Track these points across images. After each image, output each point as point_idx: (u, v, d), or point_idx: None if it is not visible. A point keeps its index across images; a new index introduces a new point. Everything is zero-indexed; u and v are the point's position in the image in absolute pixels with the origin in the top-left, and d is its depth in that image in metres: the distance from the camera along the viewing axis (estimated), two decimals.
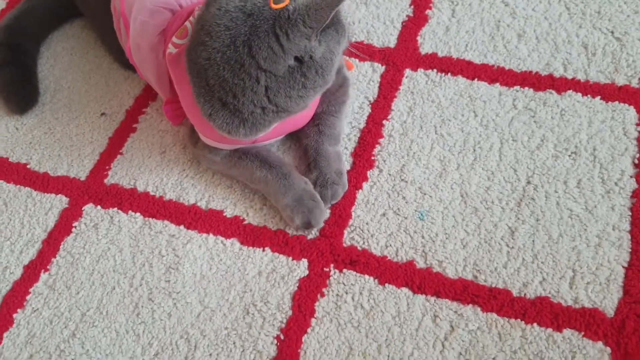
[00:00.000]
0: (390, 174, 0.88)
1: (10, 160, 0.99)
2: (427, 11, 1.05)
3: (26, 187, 0.95)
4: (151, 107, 1.02)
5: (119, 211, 0.90)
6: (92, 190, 0.93)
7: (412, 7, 1.06)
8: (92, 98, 1.04)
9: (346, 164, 0.90)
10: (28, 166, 0.98)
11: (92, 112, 1.02)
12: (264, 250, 0.84)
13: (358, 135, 0.93)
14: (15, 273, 0.87)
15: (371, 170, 0.89)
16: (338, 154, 0.88)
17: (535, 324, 0.74)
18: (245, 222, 0.87)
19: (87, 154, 0.97)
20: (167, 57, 0.81)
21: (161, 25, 0.84)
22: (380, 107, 0.95)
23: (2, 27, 1.10)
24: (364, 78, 0.99)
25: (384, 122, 0.93)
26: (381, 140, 0.92)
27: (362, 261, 0.81)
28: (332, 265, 0.81)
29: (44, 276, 0.86)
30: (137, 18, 0.84)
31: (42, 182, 0.95)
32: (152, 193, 0.91)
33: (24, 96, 1.05)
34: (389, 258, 0.81)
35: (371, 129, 0.93)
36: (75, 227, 0.89)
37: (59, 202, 0.92)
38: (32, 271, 0.87)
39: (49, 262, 0.87)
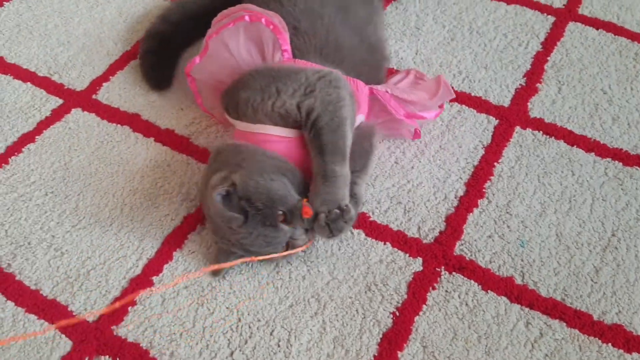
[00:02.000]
0: (497, 206, 1.05)
1: (175, 132, 1.18)
2: (538, 84, 1.25)
3: (188, 156, 1.13)
4: None
5: None
6: None
7: (524, 78, 1.26)
8: None
9: (460, 190, 1.07)
10: (190, 140, 1.17)
11: None
12: (385, 244, 1.01)
13: (472, 170, 1.10)
14: (177, 219, 1.04)
15: (481, 200, 1.06)
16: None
17: (609, 344, 0.89)
18: (371, 219, 1.04)
19: None
20: None
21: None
22: (493, 152, 1.13)
23: (162, 18, 1.30)
24: (480, 126, 1.17)
25: (495, 164, 1.11)
26: (492, 177, 1.09)
27: (469, 268, 0.97)
28: (443, 267, 0.98)
29: (200, 227, 1.03)
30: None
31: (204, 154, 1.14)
32: None
33: (158, 81, 1.25)
34: (492, 271, 0.97)
35: (484, 167, 1.11)
36: None
37: None
38: (190, 221, 1.04)
39: (205, 218, 1.04)
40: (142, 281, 0.96)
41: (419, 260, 0.98)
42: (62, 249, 1.00)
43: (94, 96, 1.25)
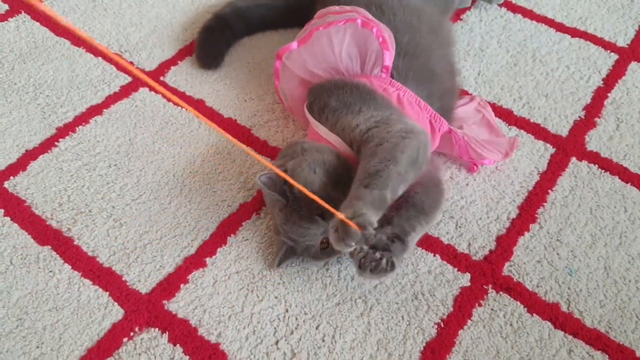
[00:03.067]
0: (548, 232, 1.06)
1: (238, 122, 1.21)
2: (596, 119, 1.26)
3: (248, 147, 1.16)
4: None
5: None
6: None
7: (584, 111, 1.27)
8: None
9: (513, 213, 1.08)
10: (251, 132, 1.19)
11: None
12: (434, 256, 1.02)
13: (526, 194, 1.11)
14: (233, 206, 1.06)
15: (533, 225, 1.07)
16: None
17: None
18: None
19: None
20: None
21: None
22: (548, 179, 1.14)
23: (232, 4, 1.35)
24: (537, 152, 1.18)
25: (549, 191, 1.12)
26: (545, 204, 1.10)
27: (516, 290, 0.98)
28: (491, 285, 0.99)
29: (255, 217, 1.05)
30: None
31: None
32: None
33: (210, 59, 1.29)
34: (538, 295, 0.98)
35: (538, 192, 1.12)
36: None
37: None
38: (246, 209, 1.06)
39: (260, 208, 1.07)
40: (195, 261, 0.98)
41: (467, 275, 0.99)
42: (121, 220, 1.03)
43: (161, 78, 1.29)
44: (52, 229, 1.02)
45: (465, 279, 0.99)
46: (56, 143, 1.14)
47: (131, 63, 1.30)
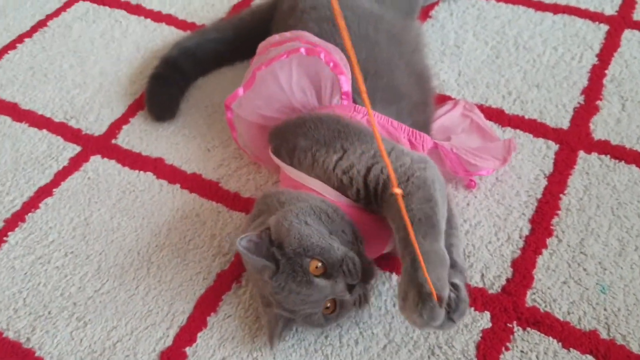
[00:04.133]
0: (569, 245, 0.92)
1: (203, 176, 1.08)
2: (598, 102, 1.12)
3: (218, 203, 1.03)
4: None
5: None
6: None
7: (582, 95, 1.13)
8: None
9: (525, 229, 0.95)
10: (220, 185, 1.06)
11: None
12: None
13: (535, 204, 0.98)
14: (209, 278, 0.93)
15: (550, 239, 0.94)
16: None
17: None
18: None
19: None
20: None
21: None
22: (557, 182, 1.01)
23: (178, 45, 1.23)
24: (539, 153, 1.05)
25: (561, 196, 0.99)
26: (559, 212, 0.97)
27: (545, 322, 0.85)
28: (515, 322, 0.85)
29: (235, 286, 0.92)
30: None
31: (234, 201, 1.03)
32: None
33: (163, 110, 1.17)
34: (571, 324, 0.84)
35: (549, 200, 0.98)
36: None
37: None
38: (224, 279, 0.93)
39: (239, 274, 0.93)
40: (173, 354, 0.85)
41: (487, 315, 0.86)
42: (85, 318, 0.91)
43: (113, 141, 1.16)
44: (9, 342, 0.89)
45: (485, 320, 0.85)
46: (5, 238, 1.02)
47: (79, 130, 1.17)
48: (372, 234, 0.83)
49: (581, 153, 1.04)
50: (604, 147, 1.05)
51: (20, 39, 1.40)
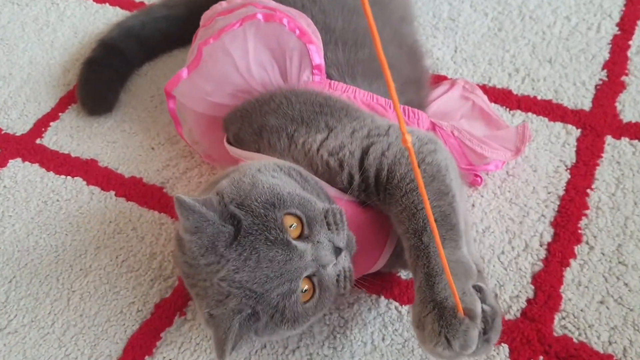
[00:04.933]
0: (604, 254, 0.73)
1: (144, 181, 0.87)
2: (623, 77, 0.93)
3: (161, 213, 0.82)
4: None
5: None
6: None
7: (604, 71, 0.94)
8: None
9: (546, 234, 0.75)
10: (164, 190, 0.86)
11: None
12: None
13: (557, 203, 0.78)
14: (145, 310, 0.72)
15: (579, 246, 0.74)
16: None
17: None
18: None
19: None
20: None
21: None
22: (582, 174, 0.81)
23: (119, 25, 1.03)
24: (557, 139, 0.86)
25: (588, 191, 0.79)
26: (587, 211, 0.77)
27: (582, 357, 0.64)
28: (541, 357, 0.65)
29: (178, 319, 0.71)
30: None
31: None
32: None
33: (98, 102, 0.98)
34: (615, 358, 0.64)
35: (573, 197, 0.78)
36: None
37: None
38: (164, 311, 0.72)
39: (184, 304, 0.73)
40: None
41: (504, 348, 0.66)
42: None
43: (38, 140, 0.96)
44: None
45: (502, 355, 0.65)
46: None
47: None
48: (362, 238, 0.62)
49: (608, 138, 0.85)
50: (636, 131, 0.86)
51: None
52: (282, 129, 0.69)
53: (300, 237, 0.58)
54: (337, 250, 0.58)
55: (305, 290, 0.58)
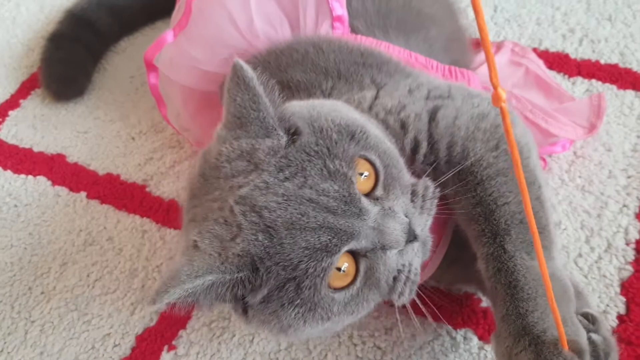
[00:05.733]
0: None
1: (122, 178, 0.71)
2: None
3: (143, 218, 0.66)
4: None
5: None
6: None
7: None
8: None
9: (632, 230, 0.58)
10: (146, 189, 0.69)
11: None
12: None
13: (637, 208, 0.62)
14: (124, 344, 0.56)
15: None
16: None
17: None
18: (483, 305, 0.55)
19: None
20: None
21: None
22: None
23: None
24: (630, 111, 0.71)
25: None
26: None
27: None
28: None
29: (167, 355, 0.55)
30: None
31: None
32: None
33: (66, 84, 0.85)
34: None
35: None
36: None
37: None
38: (148, 345, 0.56)
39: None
40: None
41: None
42: None
43: None
44: None
45: None
46: None
47: None
48: None
49: None
50: None
51: None
52: (313, 85, 0.54)
53: (369, 195, 0.42)
54: (411, 235, 0.41)
55: (343, 271, 0.40)
